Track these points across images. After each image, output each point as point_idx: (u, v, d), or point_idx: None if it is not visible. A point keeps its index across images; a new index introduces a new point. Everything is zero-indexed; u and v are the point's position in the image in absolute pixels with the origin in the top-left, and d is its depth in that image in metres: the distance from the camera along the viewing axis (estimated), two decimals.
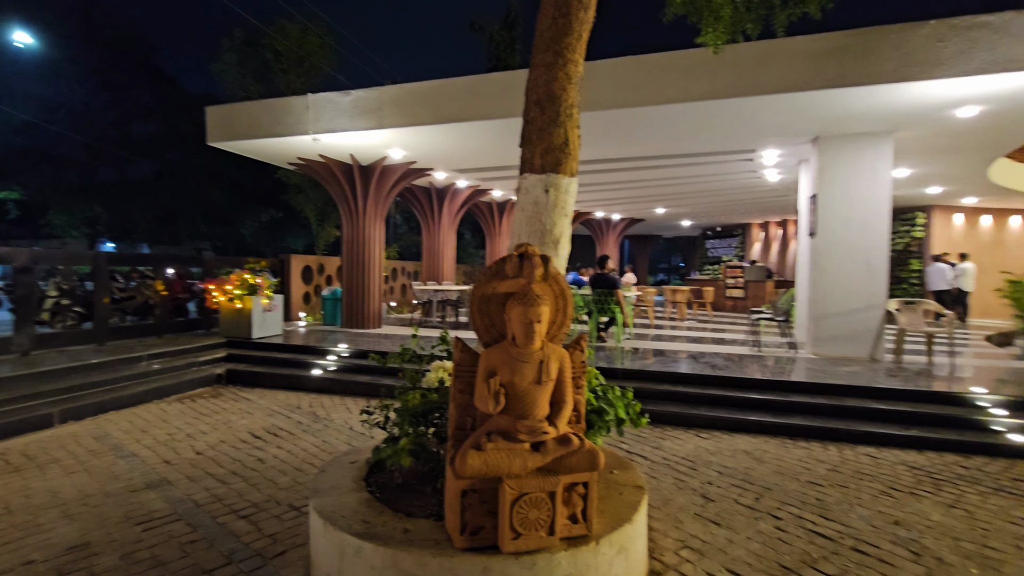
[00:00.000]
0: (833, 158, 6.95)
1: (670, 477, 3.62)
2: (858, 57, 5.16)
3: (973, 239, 14.35)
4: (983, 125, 6.48)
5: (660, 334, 9.23)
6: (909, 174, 9.59)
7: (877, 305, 6.75)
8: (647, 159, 9.04)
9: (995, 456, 4.06)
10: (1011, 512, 3.10)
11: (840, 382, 5.28)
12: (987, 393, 4.87)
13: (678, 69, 5.83)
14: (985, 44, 4.74)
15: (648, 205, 16.17)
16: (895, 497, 3.29)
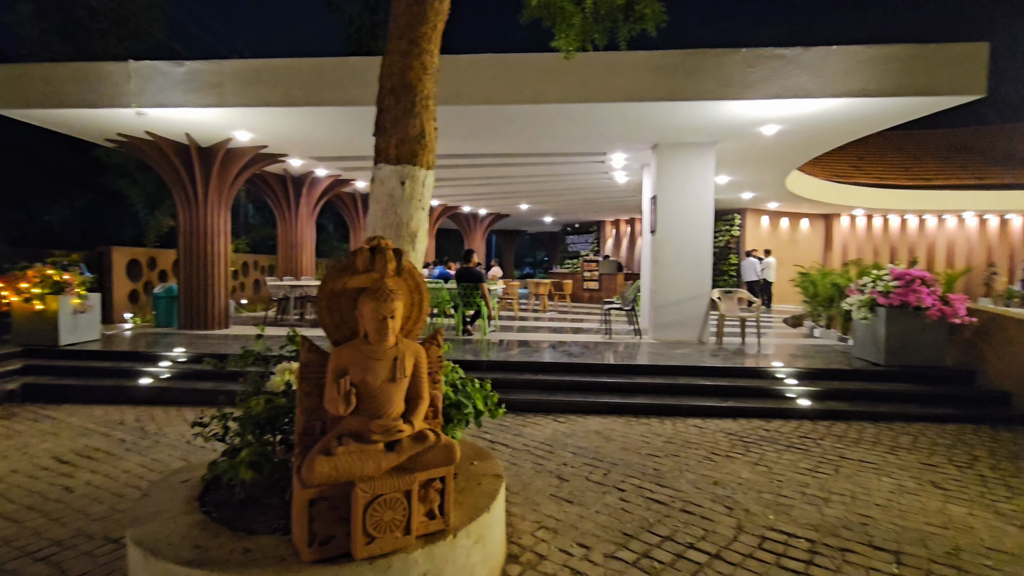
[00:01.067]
0: (670, 164, 7.79)
1: (529, 462, 3.78)
2: (687, 75, 5.82)
3: (775, 238, 17.10)
4: (781, 141, 7.73)
5: (524, 325, 9.60)
6: (728, 181, 11.10)
7: (704, 294, 7.74)
8: (510, 156, 9.31)
9: (789, 419, 4.90)
10: (798, 464, 3.76)
11: (674, 363, 5.96)
12: (783, 367, 5.85)
13: (535, 71, 6.07)
14: (782, 73, 5.65)
15: (513, 201, 16.70)
16: (715, 461, 3.81)
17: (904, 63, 5.57)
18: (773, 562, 2.49)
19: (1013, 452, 4.03)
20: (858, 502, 3.13)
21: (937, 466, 3.72)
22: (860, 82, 5.57)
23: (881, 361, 5.74)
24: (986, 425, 4.70)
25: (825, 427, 4.65)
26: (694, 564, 2.47)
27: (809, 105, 5.95)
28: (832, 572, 2.40)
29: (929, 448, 4.09)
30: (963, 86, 5.45)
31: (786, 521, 2.89)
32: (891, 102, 5.74)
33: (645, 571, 2.41)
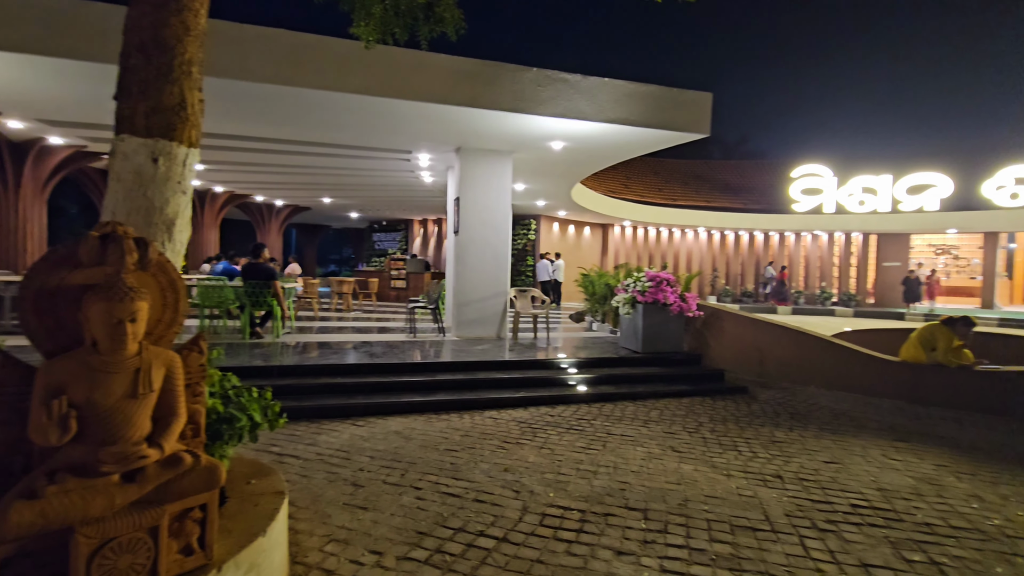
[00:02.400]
0: (472, 168, 8.10)
1: (322, 472, 3.54)
2: (487, 85, 6.12)
3: (564, 242, 19.11)
4: (567, 157, 8.64)
5: (325, 326, 9.01)
6: (524, 188, 12.03)
7: (502, 293, 8.24)
8: (310, 145, 8.64)
9: (570, 404, 5.49)
10: (575, 444, 4.24)
11: (474, 359, 6.22)
12: (566, 357, 6.55)
13: (337, 57, 5.73)
14: (566, 95, 6.32)
15: (314, 193, 15.55)
16: (507, 449, 4.07)
17: (655, 101, 6.70)
18: (551, 536, 2.75)
19: (724, 417, 5.15)
20: (619, 471, 3.65)
21: (675, 433, 4.56)
22: (625, 112, 6.54)
23: (640, 349, 6.81)
24: (708, 397, 5.93)
25: (598, 408, 5.33)
26: (483, 551, 2.58)
27: (588, 127, 6.77)
28: (597, 536, 2.75)
29: (670, 419, 4.99)
30: (694, 125, 6.80)
31: (563, 496, 3.22)
32: (646, 132, 6.86)
33: (437, 567, 2.44)
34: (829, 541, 2.76)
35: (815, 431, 4.75)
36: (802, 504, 3.20)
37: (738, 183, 24.97)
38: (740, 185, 24.68)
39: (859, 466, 3.88)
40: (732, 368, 7.12)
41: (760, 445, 4.31)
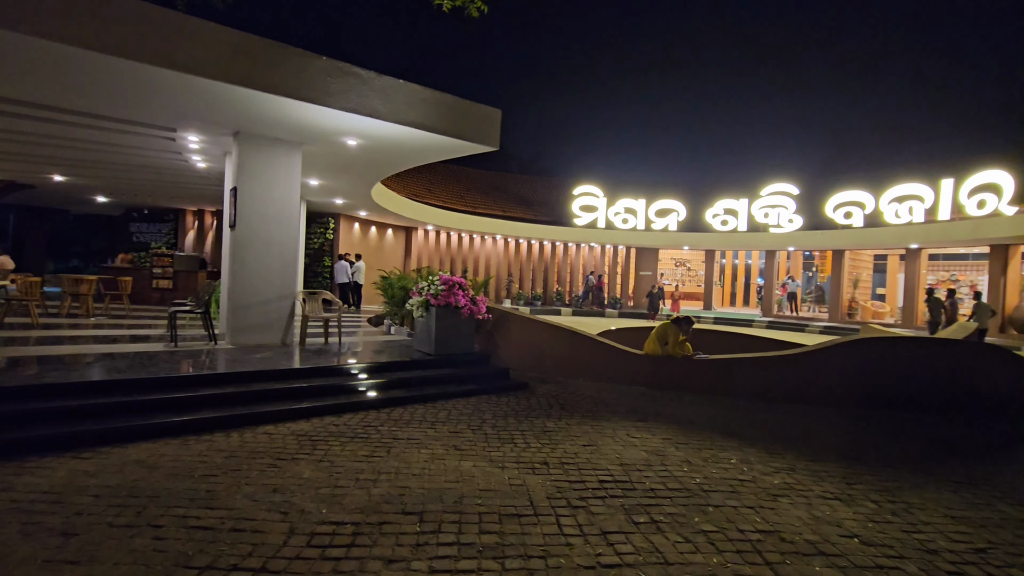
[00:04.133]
0: (253, 156, 7.28)
1: (17, 524, 2.77)
2: (268, 66, 5.57)
3: (365, 243, 18.50)
4: (364, 155, 8.37)
5: (50, 336, 7.14)
6: (320, 184, 11.30)
7: (289, 296, 7.58)
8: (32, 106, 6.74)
9: (358, 411, 5.29)
10: (358, 453, 4.09)
11: (250, 368, 5.58)
12: (357, 363, 6.31)
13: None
14: (359, 91, 6.11)
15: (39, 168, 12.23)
16: (280, 467, 3.73)
17: (450, 109, 6.92)
18: (318, 556, 2.59)
19: (506, 412, 5.53)
20: (400, 476, 3.64)
21: (460, 433, 4.73)
22: (420, 116, 6.60)
23: (432, 351, 6.93)
24: (494, 395, 6.31)
25: (387, 414, 5.25)
26: None
27: (383, 127, 6.65)
28: (369, 547, 2.68)
29: (457, 419, 5.17)
30: (485, 138, 7.21)
31: (338, 511, 3.07)
32: (441, 139, 7.03)
33: None
34: (579, 516, 3.14)
35: (579, 419, 5.40)
36: (561, 486, 3.59)
37: (531, 196, 27.26)
38: (533, 198, 26.98)
39: (609, 446, 4.53)
40: (517, 366, 7.70)
41: (533, 436, 4.73)
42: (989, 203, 15.34)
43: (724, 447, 4.64)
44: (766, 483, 3.82)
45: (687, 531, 3.01)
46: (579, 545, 2.80)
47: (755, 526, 3.11)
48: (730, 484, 3.77)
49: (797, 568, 2.67)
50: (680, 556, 2.73)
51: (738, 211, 22.37)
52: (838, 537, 3.02)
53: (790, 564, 2.70)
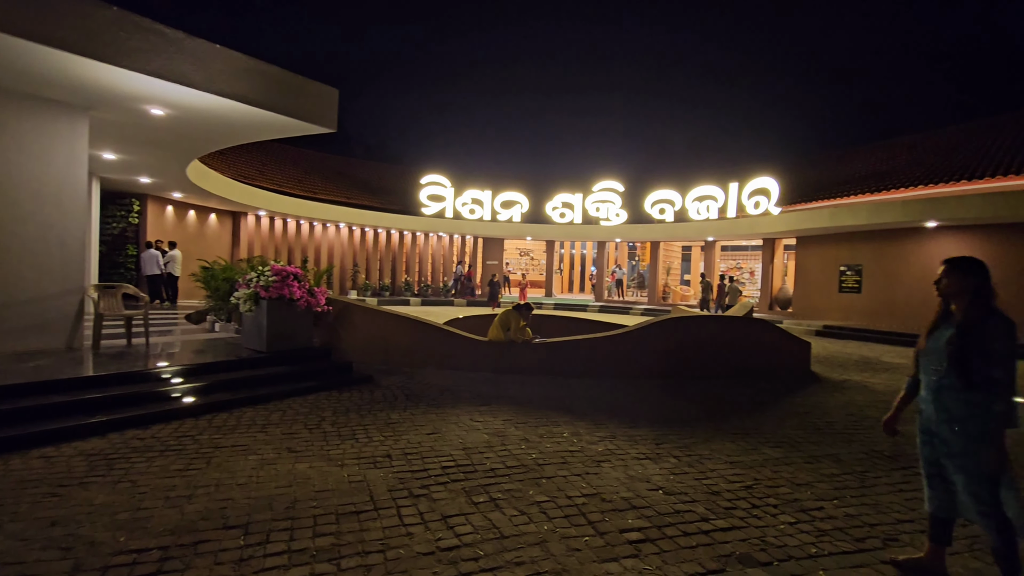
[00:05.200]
0: (15, 120, 5.89)
1: None
2: (35, 7, 4.53)
3: (182, 229, 16.20)
4: (174, 127, 7.28)
5: None
6: (118, 158, 9.58)
7: (75, 291, 6.33)
8: None
9: (170, 420, 4.65)
10: (170, 468, 3.60)
11: (18, 381, 4.55)
12: (170, 365, 5.53)
13: None
14: (163, 52, 5.28)
15: None
16: (62, 495, 3.12)
17: (279, 84, 6.35)
18: None
19: (348, 408, 5.32)
20: (222, 488, 3.29)
21: (295, 433, 4.43)
22: (243, 88, 5.95)
23: (264, 348, 6.36)
24: (335, 390, 6.01)
25: (207, 421, 4.69)
26: None
27: (197, 96, 5.85)
28: (180, 572, 2.39)
29: (292, 420, 4.83)
30: (320, 118, 6.76)
31: (141, 536, 2.68)
32: (269, 115, 6.42)
33: None
34: (421, 504, 3.17)
35: (424, 408, 5.41)
36: (404, 477, 3.58)
37: (378, 183, 26.30)
38: (379, 185, 26.06)
39: (453, 432, 4.62)
40: (362, 359, 7.43)
41: (376, 429, 4.63)
42: (762, 204, 18.74)
43: (558, 423, 5.04)
44: (592, 451, 4.24)
45: (523, 504, 3.22)
46: (419, 533, 2.82)
47: (581, 491, 3.44)
48: (562, 456, 4.10)
49: (614, 523, 3.01)
50: (515, 528, 2.91)
51: (574, 205, 24.19)
52: (647, 491, 3.49)
53: (608, 521, 3.05)
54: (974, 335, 2.33)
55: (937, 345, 2.46)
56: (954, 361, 2.35)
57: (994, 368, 2.27)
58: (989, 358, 2.29)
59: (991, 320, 2.32)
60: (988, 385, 2.29)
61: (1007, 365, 2.27)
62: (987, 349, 2.30)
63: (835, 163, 21.73)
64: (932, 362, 2.48)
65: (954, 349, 2.36)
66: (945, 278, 2.48)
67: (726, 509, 3.27)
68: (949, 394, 2.39)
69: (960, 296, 2.43)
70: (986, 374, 2.29)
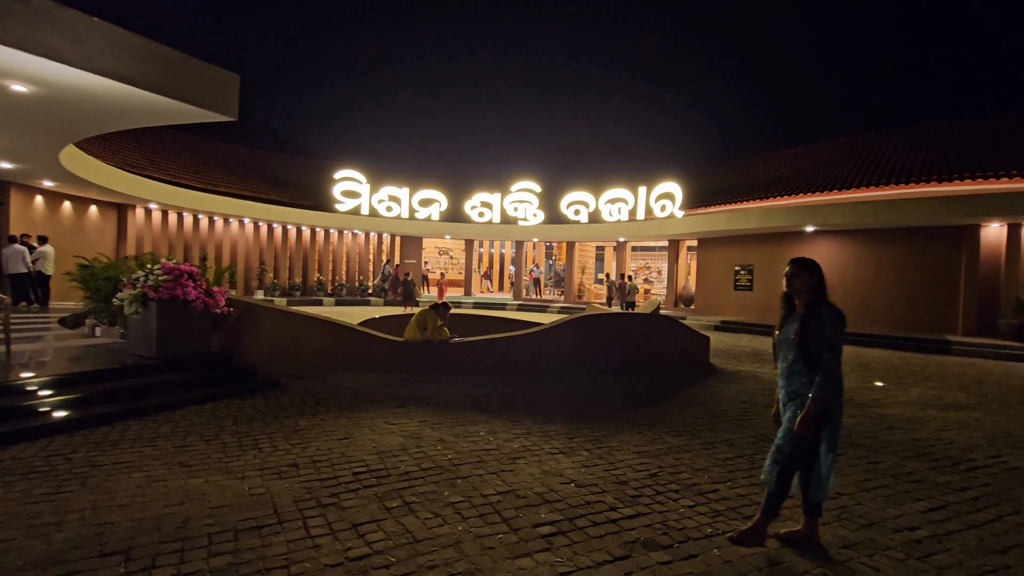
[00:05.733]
0: None
1: None
2: None
3: (55, 223, 14.38)
4: (44, 108, 6.45)
5: None
6: None
7: None
8: None
9: (36, 439, 4.11)
10: (35, 492, 3.18)
11: None
12: (38, 376, 4.89)
13: None
14: (26, 21, 4.65)
15: None
16: None
17: (170, 65, 5.81)
18: None
19: (251, 415, 4.99)
20: (100, 511, 2.96)
21: (189, 446, 4.09)
22: (126, 68, 5.38)
23: (154, 354, 5.80)
24: (237, 398, 5.62)
25: (83, 437, 4.20)
26: None
27: (70, 74, 5.21)
28: None
29: (186, 431, 4.45)
30: (218, 105, 6.28)
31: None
32: (158, 99, 5.87)
33: None
34: (329, 514, 3.04)
35: (336, 413, 5.20)
36: (312, 486, 3.42)
37: (287, 177, 24.91)
38: (289, 180, 24.70)
39: (366, 436, 4.48)
40: (268, 363, 7.00)
41: (282, 437, 4.38)
42: (667, 207, 19.93)
43: (475, 422, 5.04)
44: (508, 449, 4.29)
45: (437, 506, 3.19)
46: (327, 544, 2.71)
47: (496, 489, 3.47)
48: (478, 455, 4.11)
49: (527, 519, 3.07)
50: (429, 532, 2.87)
51: (492, 204, 24.33)
52: (560, 485, 3.58)
53: (522, 516, 3.10)
54: (814, 324, 2.66)
55: (787, 336, 2.79)
56: (799, 349, 2.69)
57: (824, 351, 2.63)
58: (822, 343, 2.63)
59: (824, 310, 2.67)
60: (822, 365, 2.63)
61: (835, 349, 2.62)
62: (822, 335, 2.64)
63: (731, 171, 23.59)
64: (783, 351, 2.81)
65: (799, 339, 2.69)
66: (796, 277, 2.78)
67: (633, 497, 3.44)
68: (797, 378, 2.74)
69: (804, 292, 2.76)
70: (821, 357, 2.64)
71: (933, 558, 2.80)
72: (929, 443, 4.92)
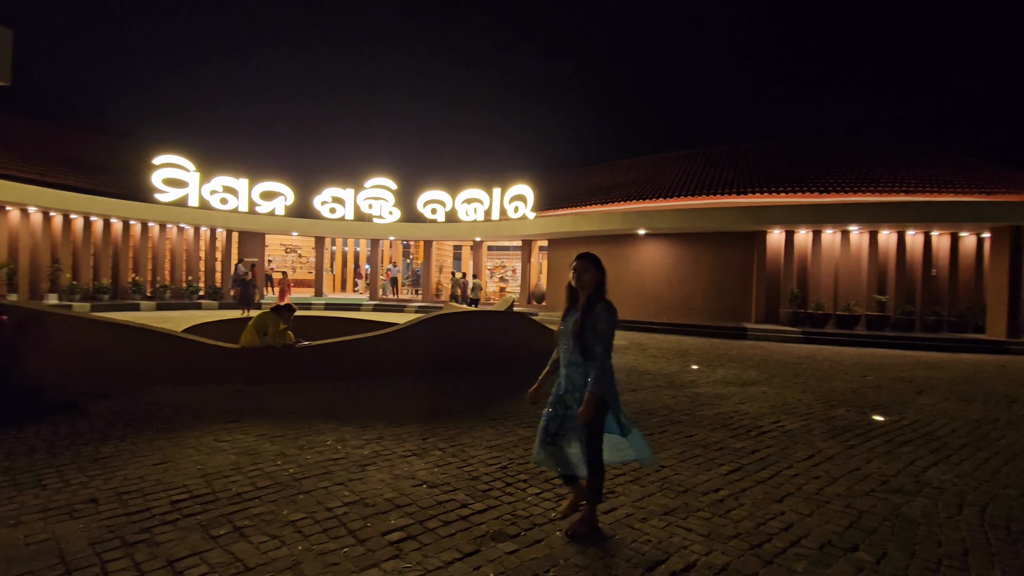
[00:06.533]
0: None
1: None
2: None
3: None
4: None
5: None
6: None
7: None
8: None
9: None
10: None
11: None
12: None
13: None
14: None
15: None
16: None
17: None
18: None
19: (32, 446, 4.10)
20: None
21: None
22: None
23: None
24: (12, 426, 4.57)
25: None
26: None
27: None
28: None
29: None
30: None
31: None
32: None
33: None
34: (138, 553, 2.62)
35: (151, 434, 4.51)
36: (115, 523, 2.91)
37: (90, 160, 21.05)
38: (93, 163, 20.89)
39: (190, 458, 3.95)
40: (62, 381, 5.81)
41: (77, 469, 3.67)
42: (520, 209, 20.82)
43: (322, 431, 4.74)
44: (357, 456, 4.11)
45: (274, 527, 2.93)
46: None
47: (343, 500, 3.30)
48: (324, 466, 3.87)
49: (376, 527, 2.97)
50: (263, 556, 2.63)
51: (345, 200, 23.17)
52: (411, 488, 3.53)
53: (371, 526, 2.98)
54: (591, 318, 2.84)
55: (567, 328, 2.95)
56: (576, 339, 2.86)
57: (597, 344, 2.82)
58: (596, 336, 2.82)
59: (600, 306, 2.86)
60: (595, 357, 2.82)
61: (607, 343, 2.83)
62: (596, 329, 2.82)
63: (577, 177, 25.43)
64: (564, 342, 2.98)
65: (576, 330, 2.86)
66: (585, 273, 2.91)
67: (484, 491, 3.52)
68: (575, 368, 2.91)
69: (589, 287, 2.91)
70: (594, 349, 2.83)
71: (731, 513, 3.31)
72: (730, 415, 5.81)
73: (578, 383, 2.89)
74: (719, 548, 2.86)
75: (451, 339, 8.13)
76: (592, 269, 2.91)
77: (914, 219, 14.34)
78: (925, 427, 5.55)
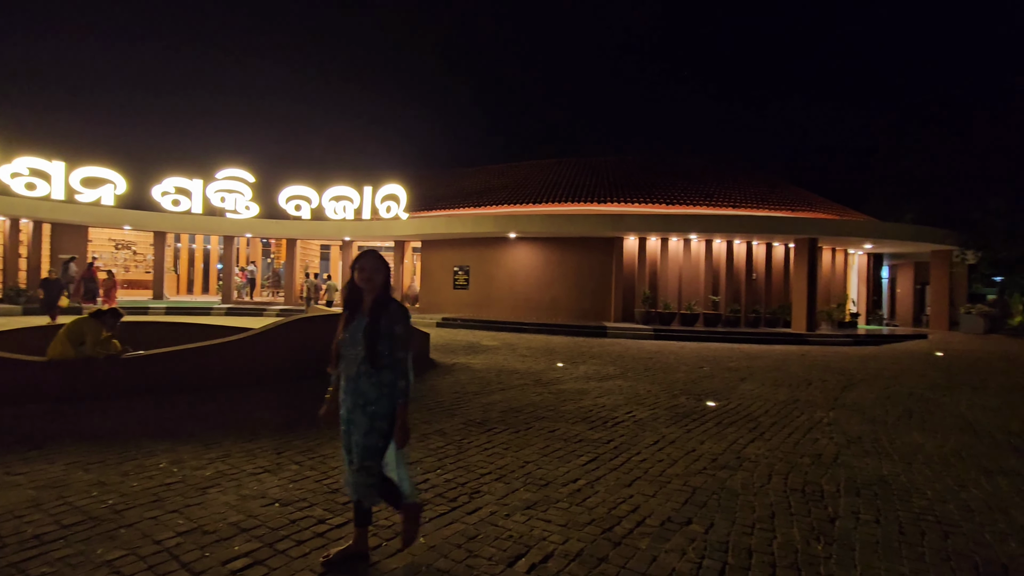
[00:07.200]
0: None
1: None
2: None
3: None
4: None
5: None
6: None
7: None
8: None
9: None
10: None
11: None
12: None
13: None
14: None
15: None
16: None
17: None
18: None
19: None
20: None
21: None
22: None
23: None
24: None
25: None
26: None
27: None
28: None
29: None
30: None
31: None
32: None
33: None
34: None
35: None
36: None
37: None
38: None
39: None
40: None
41: None
42: (393, 209, 20.31)
43: (153, 452, 4.16)
44: (197, 479, 3.67)
45: (84, 571, 2.49)
46: None
47: (176, 530, 2.92)
48: (154, 493, 3.40)
49: (216, 556, 2.67)
50: None
51: (192, 192, 20.72)
52: (261, 508, 3.24)
53: (209, 555, 2.68)
54: (383, 321, 2.53)
55: (355, 336, 2.57)
56: (368, 347, 2.51)
57: (398, 350, 2.53)
58: (394, 341, 2.54)
59: (392, 306, 2.58)
60: (395, 365, 2.54)
61: (408, 347, 2.57)
62: (392, 333, 2.53)
63: (451, 179, 25.50)
64: (351, 352, 2.59)
65: (369, 336, 2.52)
66: (378, 273, 2.59)
67: (344, 504, 3.35)
68: (365, 380, 2.55)
69: (380, 287, 2.60)
70: (393, 356, 2.54)
71: (587, 501, 3.53)
72: (589, 409, 6.22)
73: (370, 395, 2.55)
74: (575, 535, 3.03)
75: (315, 343, 7.64)
76: (384, 269, 2.62)
77: (737, 230, 16.69)
78: (746, 409, 6.45)
